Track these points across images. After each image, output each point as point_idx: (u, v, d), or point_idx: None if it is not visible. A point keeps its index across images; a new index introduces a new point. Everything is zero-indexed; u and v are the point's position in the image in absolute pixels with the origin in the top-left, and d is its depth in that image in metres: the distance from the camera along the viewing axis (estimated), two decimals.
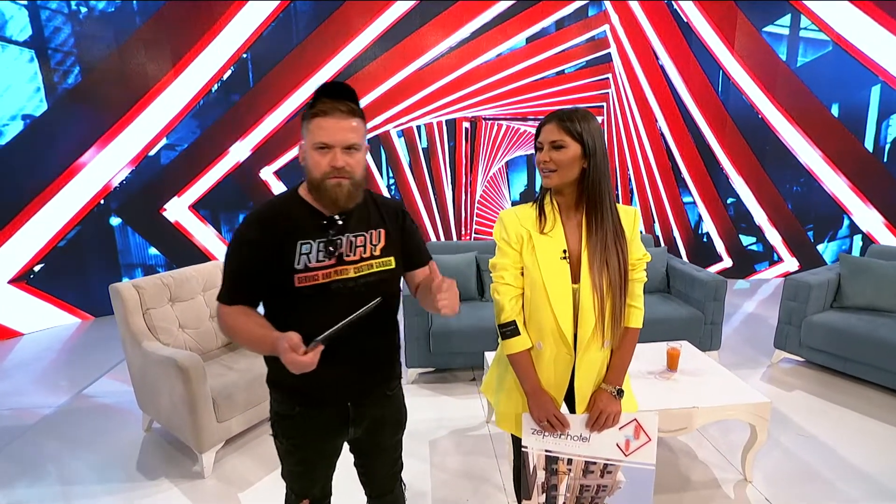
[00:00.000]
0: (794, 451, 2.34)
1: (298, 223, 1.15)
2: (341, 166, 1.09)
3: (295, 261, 1.12)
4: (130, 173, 4.58)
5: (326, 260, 1.14)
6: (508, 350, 1.34)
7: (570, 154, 1.25)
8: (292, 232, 1.14)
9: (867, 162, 5.13)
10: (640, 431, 1.35)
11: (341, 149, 1.09)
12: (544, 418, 1.32)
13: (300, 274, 1.12)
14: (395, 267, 1.24)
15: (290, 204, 1.18)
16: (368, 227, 1.22)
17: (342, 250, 1.16)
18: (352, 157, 1.11)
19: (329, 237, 1.16)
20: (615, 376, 1.36)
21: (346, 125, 1.09)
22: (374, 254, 1.20)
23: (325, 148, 1.09)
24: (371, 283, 1.19)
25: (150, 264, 4.80)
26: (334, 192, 1.11)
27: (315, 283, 1.13)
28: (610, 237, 1.29)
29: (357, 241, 1.19)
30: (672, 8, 5.13)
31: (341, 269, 1.16)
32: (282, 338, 0.99)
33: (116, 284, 2.42)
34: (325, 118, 1.08)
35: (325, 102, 1.09)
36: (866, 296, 2.97)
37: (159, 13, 4.40)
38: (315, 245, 1.14)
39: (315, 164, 1.11)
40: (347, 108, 1.10)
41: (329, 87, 1.11)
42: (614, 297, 1.29)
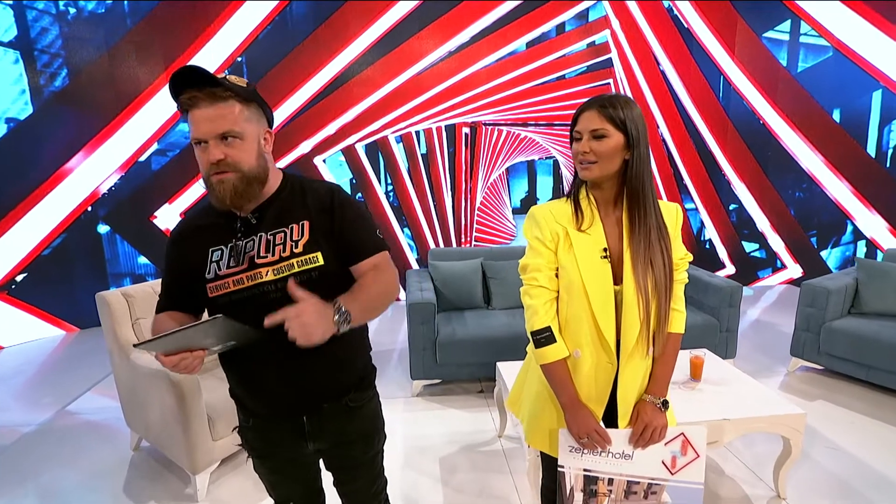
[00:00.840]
0: (824, 464, 2.22)
1: (211, 229, 1.07)
2: (217, 159, 0.97)
3: (206, 269, 1.06)
4: (119, 179, 4.41)
5: (237, 265, 1.04)
6: (543, 359, 1.22)
7: (612, 144, 1.14)
8: (204, 239, 1.07)
9: (870, 167, 5.10)
10: (687, 447, 1.23)
11: (214, 140, 0.97)
12: (584, 434, 1.19)
13: (211, 283, 1.05)
14: (325, 263, 1.04)
15: (207, 211, 1.10)
16: (289, 221, 1.06)
17: (253, 252, 1.04)
18: (231, 146, 0.97)
19: (237, 240, 1.05)
20: (659, 386, 1.23)
21: (212, 113, 0.96)
22: (294, 251, 1.04)
23: (200, 143, 0.98)
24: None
25: (139, 273, 4.62)
26: (219, 191, 0.99)
27: (226, 291, 1.04)
28: (654, 234, 1.17)
29: (276, 238, 1.05)
30: (672, 13, 5.10)
31: (254, 274, 1.03)
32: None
33: (103, 293, 2.26)
34: (192, 111, 0.97)
35: (187, 93, 0.95)
36: (886, 301, 2.88)
37: (151, 15, 4.28)
38: (226, 250, 1.05)
39: (198, 161, 1.00)
40: (207, 93, 0.95)
41: (179, 76, 0.94)
42: (660, 299, 1.17)
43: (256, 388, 1.10)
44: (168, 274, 1.13)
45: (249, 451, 1.21)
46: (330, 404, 1.14)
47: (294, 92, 4.69)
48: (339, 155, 4.95)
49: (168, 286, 1.13)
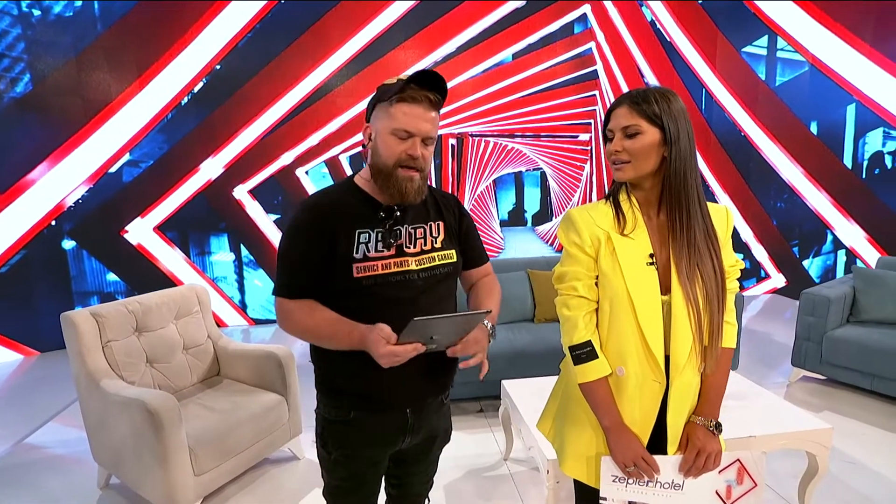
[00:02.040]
0: (845, 480, 2.14)
1: (356, 210, 1.10)
2: (419, 156, 1.05)
3: (353, 249, 1.06)
4: (87, 192, 4.14)
5: (386, 250, 1.09)
6: (583, 377, 1.09)
7: (646, 141, 1.03)
8: (350, 219, 1.08)
9: (847, 178, 5.22)
10: (744, 475, 1.11)
11: (421, 140, 1.06)
12: (630, 462, 1.06)
13: (359, 263, 1.06)
14: (457, 260, 1.19)
15: (345, 192, 1.14)
16: (427, 219, 1.17)
17: (402, 241, 1.10)
18: (427, 150, 1.08)
19: (388, 227, 1.09)
20: (711, 407, 1.12)
21: (431, 116, 1.06)
22: (434, 246, 1.15)
23: (406, 136, 1.05)
24: (434, 277, 1.13)
25: (108, 292, 4.32)
26: (404, 185, 1.06)
27: (375, 273, 1.07)
28: (700, 239, 1.07)
29: (416, 232, 1.14)
30: (655, 27, 5.17)
31: (402, 261, 1.10)
32: (371, 328, 0.98)
33: (69, 313, 2.04)
34: (412, 105, 1.04)
35: (415, 89, 1.04)
36: (885, 309, 2.87)
37: (123, 20, 4.07)
38: (373, 234, 1.08)
39: (389, 149, 1.05)
40: (436, 98, 1.07)
41: (423, 76, 1.04)
42: (712, 310, 1.06)
43: (376, 376, 1.05)
44: (310, 250, 1.06)
45: (333, 451, 1.17)
46: (432, 398, 1.20)
47: (275, 102, 4.53)
48: (322, 167, 4.79)
49: (303, 264, 1.07)
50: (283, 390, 2.28)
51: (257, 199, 4.64)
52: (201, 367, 2.38)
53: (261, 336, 4.52)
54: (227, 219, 4.59)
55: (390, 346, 0.95)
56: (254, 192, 4.63)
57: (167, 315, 2.30)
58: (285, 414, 2.28)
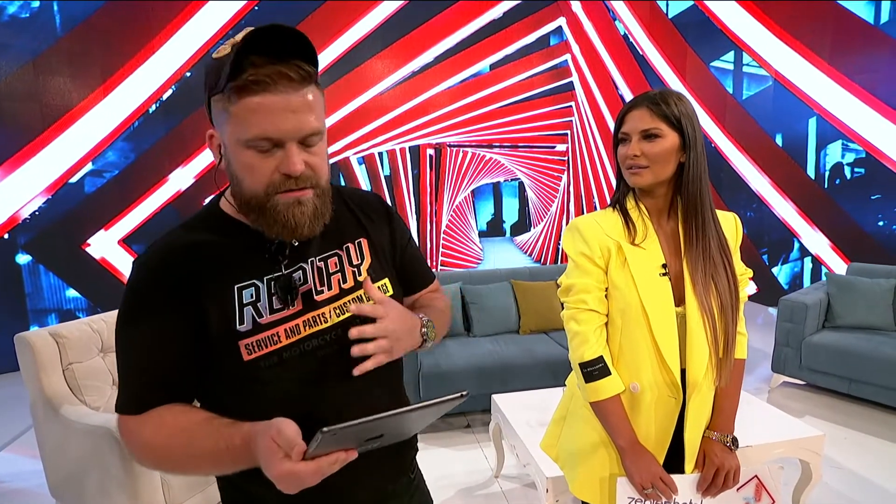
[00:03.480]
0: (833, 485, 2.16)
1: (228, 254, 0.71)
2: (299, 171, 0.65)
3: (235, 319, 0.69)
4: (45, 203, 3.90)
5: (287, 307, 0.71)
6: (596, 395, 1.04)
7: (666, 145, 1.00)
8: (221, 270, 0.70)
9: (810, 188, 5.43)
10: (762, 491, 1.08)
11: (297, 143, 0.66)
12: (649, 482, 1.01)
13: (248, 339, 0.69)
14: (394, 292, 0.82)
15: (210, 229, 0.73)
16: (341, 241, 0.79)
17: (307, 286, 0.73)
18: (313, 153, 0.68)
19: (283, 269, 0.72)
20: (726, 421, 1.09)
21: (300, 101, 0.64)
22: (358, 279, 0.77)
23: (269, 146, 0.65)
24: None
25: (67, 309, 4.06)
26: (292, 215, 0.67)
27: (278, 346, 0.70)
28: (714, 248, 1.04)
29: (329, 264, 0.76)
30: (628, 41, 5.29)
31: (316, 317, 0.72)
32: (264, 430, 0.59)
33: (25, 334, 1.87)
34: (262, 94, 0.63)
35: (262, 66, 0.62)
36: (858, 314, 2.95)
37: (86, 23, 3.88)
38: (262, 286, 0.71)
39: (251, 171, 0.66)
40: (298, 72, 0.64)
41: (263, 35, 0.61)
42: (726, 321, 1.03)
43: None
44: (154, 332, 0.67)
45: None
46: (394, 486, 0.84)
47: None
48: None
49: (155, 356, 0.68)
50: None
51: None
52: None
53: None
54: None
55: (289, 465, 0.57)
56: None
57: None
58: None
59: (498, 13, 4.90)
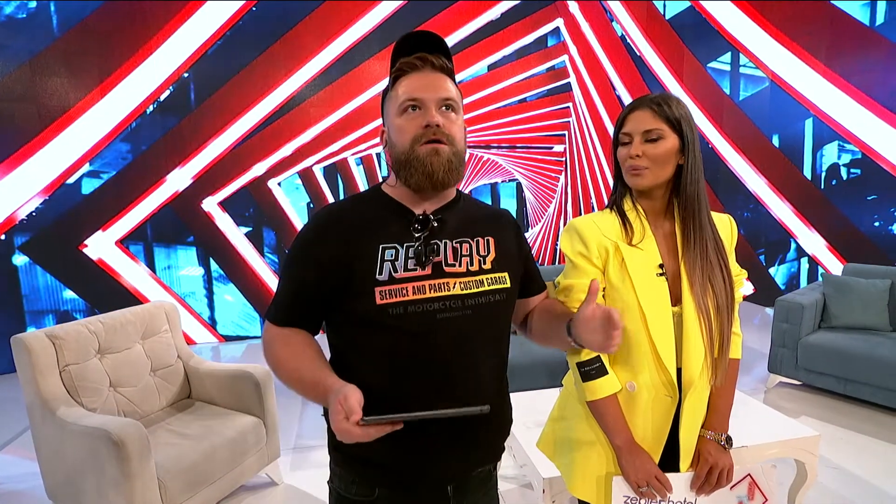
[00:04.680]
0: (829, 486, 2.17)
1: (380, 222, 0.88)
2: (437, 122, 0.84)
3: (376, 269, 0.84)
4: (42, 203, 3.89)
5: (419, 269, 0.86)
6: (592, 395, 1.04)
7: (667, 147, 1.01)
8: (372, 233, 0.87)
9: (807, 189, 5.45)
10: (755, 490, 1.08)
11: (436, 104, 0.85)
12: (644, 481, 1.02)
13: (383, 287, 0.83)
14: (511, 287, 0.94)
15: (368, 201, 0.93)
16: (474, 233, 0.93)
17: (440, 258, 0.87)
18: (448, 118, 0.86)
19: (423, 239, 0.87)
20: (720, 420, 1.10)
21: (438, 78, 0.87)
22: (483, 267, 0.90)
23: (414, 108, 0.86)
24: (482, 306, 0.88)
25: (64, 310, 4.05)
26: (429, 163, 0.84)
27: (405, 298, 0.83)
28: (711, 249, 1.05)
29: (461, 248, 0.90)
30: (625, 42, 5.30)
31: (442, 283, 0.86)
32: (337, 391, 0.74)
33: (22, 336, 1.87)
34: (411, 75, 0.87)
35: (409, 58, 0.88)
36: (854, 315, 2.97)
37: (83, 24, 3.88)
38: (402, 250, 0.86)
39: (400, 130, 0.86)
40: (441, 62, 0.89)
41: (412, 40, 0.89)
42: (722, 320, 1.04)
43: (409, 441, 0.83)
44: (311, 268, 0.86)
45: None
46: (479, 471, 0.95)
47: (246, 111, 4.39)
48: (295, 178, 4.67)
49: (306, 287, 0.86)
50: (260, 412, 2.16)
51: (228, 211, 4.47)
52: (171, 390, 2.22)
53: (231, 353, 4.32)
54: (196, 232, 4.40)
55: (344, 423, 0.70)
56: (224, 204, 4.46)
57: (133, 335, 2.15)
58: (263, 437, 2.15)
59: (495, 14, 4.91)
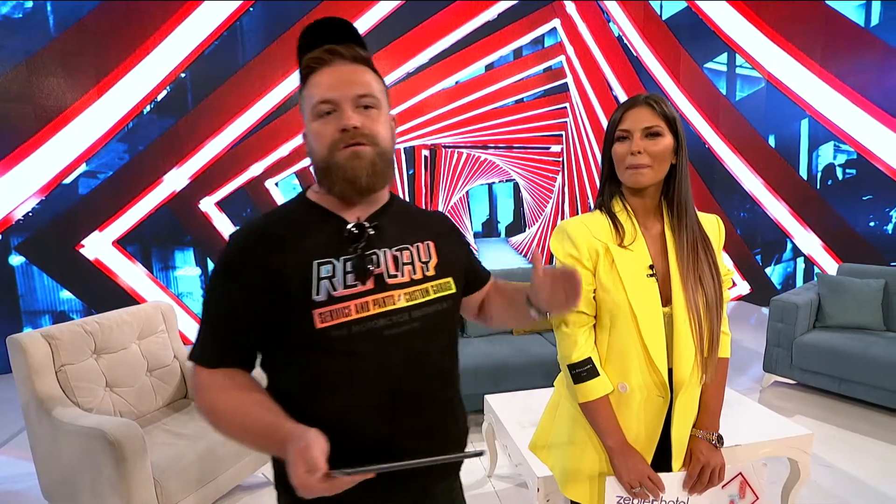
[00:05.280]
0: (822, 484, 2.18)
1: (311, 235, 0.80)
2: (354, 124, 0.76)
3: (312, 289, 0.76)
4: (39, 204, 3.89)
5: (360, 284, 0.78)
6: (584, 396, 1.05)
7: (665, 144, 1.02)
8: (303, 247, 0.78)
9: (803, 189, 5.47)
10: (746, 488, 1.09)
11: (350, 104, 0.77)
12: (637, 482, 1.03)
13: (322, 308, 0.75)
14: (456, 291, 0.89)
15: (295, 212, 0.84)
16: (413, 239, 0.87)
17: (382, 269, 0.80)
18: (369, 116, 0.79)
19: (360, 251, 0.80)
20: (711, 419, 1.10)
21: (352, 71, 0.79)
22: (426, 274, 0.85)
23: (328, 111, 0.77)
24: (430, 317, 0.83)
25: (61, 310, 4.05)
26: (350, 167, 0.77)
27: (348, 318, 0.76)
28: (700, 248, 1.06)
29: (402, 256, 0.84)
30: (622, 42, 5.32)
31: (386, 297, 0.79)
32: (297, 439, 0.64)
33: (17, 336, 1.87)
34: (321, 71, 0.78)
35: (317, 51, 0.79)
36: (848, 314, 2.98)
37: (80, 24, 3.88)
38: (339, 264, 0.78)
39: (319, 138, 0.78)
40: (352, 52, 0.80)
41: (318, 28, 0.80)
42: (711, 319, 1.05)
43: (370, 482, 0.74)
44: (237, 299, 0.76)
45: None
46: (442, 485, 0.88)
47: (244, 111, 4.39)
48: (292, 178, 4.67)
49: (234, 320, 0.77)
50: None
51: (225, 211, 4.47)
52: (167, 390, 2.22)
53: None
54: (193, 232, 4.40)
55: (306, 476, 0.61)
56: (221, 205, 4.46)
57: (129, 335, 2.15)
58: None
59: (493, 15, 4.92)
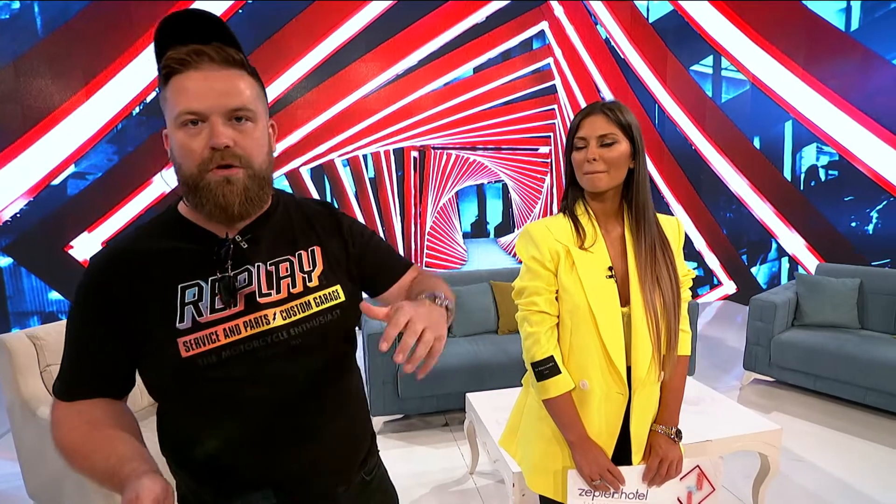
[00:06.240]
0: (793, 478, 2.24)
1: (177, 256, 0.73)
2: (225, 145, 0.67)
3: (176, 316, 0.70)
4: (27, 205, 3.90)
5: (229, 307, 0.72)
6: (547, 393, 1.09)
7: (621, 150, 1.06)
8: (168, 270, 0.72)
9: (787, 190, 5.55)
10: (703, 480, 1.14)
11: (221, 118, 0.68)
12: (597, 474, 1.07)
13: (187, 336, 0.70)
14: (346, 299, 0.81)
15: (162, 229, 0.76)
16: (293, 247, 0.80)
17: (252, 287, 0.74)
18: (243, 132, 0.70)
19: (226, 269, 0.73)
20: (670, 415, 1.15)
21: (223, 78, 0.68)
22: (308, 285, 0.78)
23: (194, 121, 0.67)
24: (312, 332, 0.76)
25: (49, 311, 4.06)
26: (221, 193, 0.69)
27: (215, 345, 0.70)
28: (658, 250, 1.10)
29: (279, 269, 0.77)
30: (610, 45, 5.37)
31: (258, 318, 0.73)
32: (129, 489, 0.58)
33: (2, 336, 1.90)
34: (185, 74, 0.67)
35: (180, 49, 0.67)
36: (825, 313, 3.05)
37: (67, 25, 3.88)
38: (206, 286, 0.72)
39: (184, 152, 0.68)
40: (221, 54, 0.69)
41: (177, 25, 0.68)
42: (669, 319, 1.09)
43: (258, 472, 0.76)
44: (94, 328, 0.71)
45: None
46: (346, 488, 0.83)
47: None
48: (282, 179, 4.69)
49: (92, 350, 0.71)
50: None
51: None
52: None
53: None
54: None
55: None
56: None
57: None
58: None
59: (481, 17, 4.96)
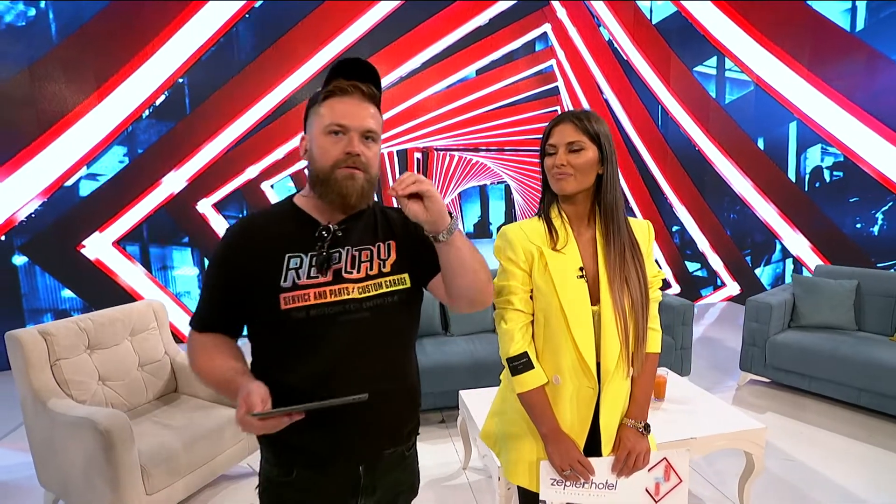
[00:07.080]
0: (782, 476, 2.27)
1: (287, 233, 0.97)
2: (358, 153, 0.92)
3: (281, 277, 0.93)
4: (41, 205, 4.02)
5: (320, 276, 0.94)
6: (521, 387, 1.15)
7: (588, 157, 1.12)
8: (280, 243, 0.95)
9: (791, 191, 5.53)
10: (670, 472, 1.19)
11: (359, 134, 0.93)
12: (567, 465, 1.13)
13: (287, 293, 0.93)
14: (411, 286, 1.02)
15: (280, 213, 1.01)
16: (375, 240, 1.02)
17: (340, 265, 0.96)
18: (368, 147, 0.95)
19: (323, 248, 0.95)
20: (640, 409, 1.20)
21: (367, 108, 0.95)
22: (382, 270, 0.99)
23: (339, 132, 0.93)
24: (381, 307, 0.97)
25: (62, 309, 4.18)
26: (345, 186, 0.92)
27: (307, 303, 0.93)
28: (627, 251, 1.15)
29: (361, 255, 0.99)
30: (613, 47, 5.40)
31: (341, 289, 0.95)
32: (243, 388, 0.84)
33: (14, 332, 1.98)
34: (341, 97, 0.93)
35: (343, 81, 0.94)
36: (821, 314, 3.06)
37: (81, 31, 4.00)
38: (306, 258, 0.95)
39: (323, 151, 0.93)
40: (370, 91, 0.96)
41: (348, 65, 0.95)
42: (637, 317, 1.14)
43: (321, 424, 0.93)
44: (224, 280, 0.96)
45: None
46: (392, 450, 1.03)
47: (240, 115, 4.51)
48: (287, 180, 4.78)
49: (220, 296, 0.97)
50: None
51: (222, 212, 4.59)
52: (158, 384, 2.34)
53: None
54: (191, 233, 4.52)
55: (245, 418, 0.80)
56: (218, 206, 4.58)
57: (121, 332, 2.26)
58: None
59: (484, 20, 5.02)
